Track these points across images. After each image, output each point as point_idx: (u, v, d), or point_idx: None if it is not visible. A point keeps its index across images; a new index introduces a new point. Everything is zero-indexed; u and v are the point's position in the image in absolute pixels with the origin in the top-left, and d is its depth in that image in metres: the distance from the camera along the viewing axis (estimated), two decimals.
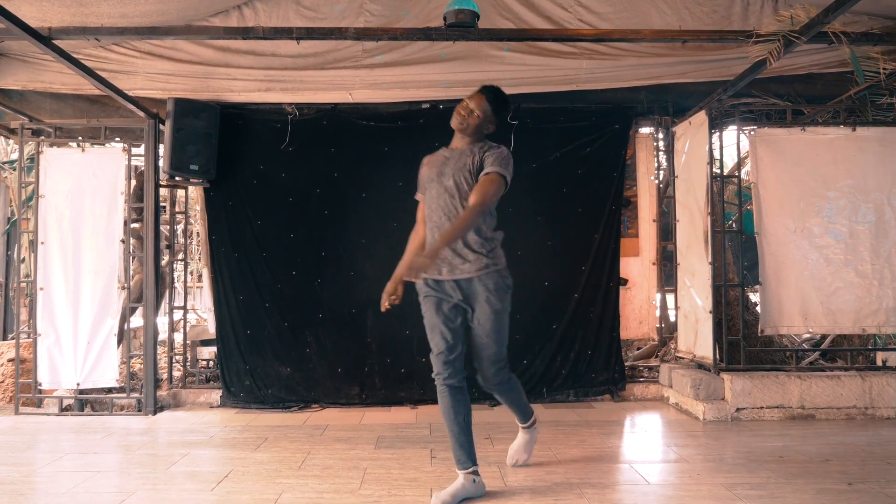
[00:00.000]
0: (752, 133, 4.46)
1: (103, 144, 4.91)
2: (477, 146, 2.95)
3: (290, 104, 4.94)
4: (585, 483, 3.03)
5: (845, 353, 5.02)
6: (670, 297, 5.31)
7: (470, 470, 2.85)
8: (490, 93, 2.95)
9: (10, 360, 5.13)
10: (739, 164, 4.73)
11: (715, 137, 4.50)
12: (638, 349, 5.78)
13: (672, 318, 5.49)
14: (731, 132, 4.91)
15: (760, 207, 4.42)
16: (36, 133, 4.99)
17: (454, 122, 2.97)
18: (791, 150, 4.44)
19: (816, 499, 2.81)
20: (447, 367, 2.93)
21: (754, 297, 5.11)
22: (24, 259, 5.98)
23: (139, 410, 4.64)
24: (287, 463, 3.37)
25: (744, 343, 4.43)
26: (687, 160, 4.83)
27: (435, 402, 4.75)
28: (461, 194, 2.90)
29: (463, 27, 3.49)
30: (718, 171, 4.61)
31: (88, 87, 4.84)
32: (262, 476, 3.17)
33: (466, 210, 2.81)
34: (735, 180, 5.00)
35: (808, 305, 4.41)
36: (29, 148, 5.28)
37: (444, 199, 2.92)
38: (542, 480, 3.06)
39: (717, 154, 4.58)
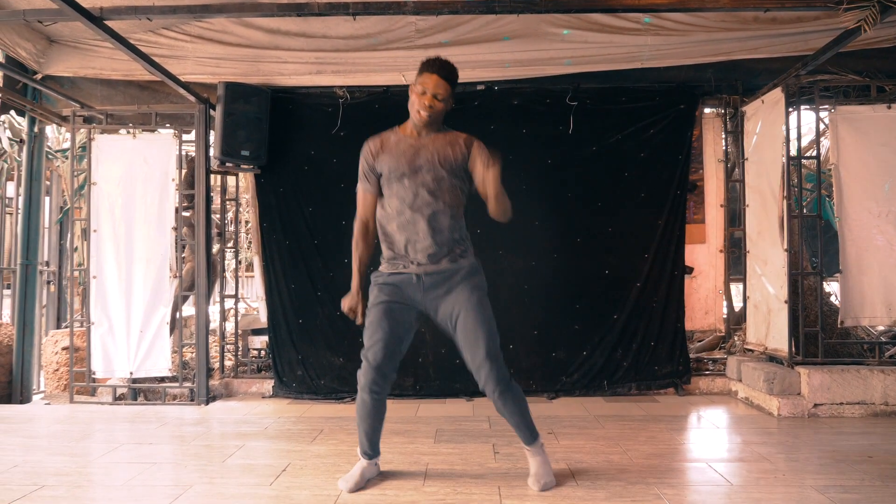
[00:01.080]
0: (833, 111, 4.17)
1: (154, 131, 4.86)
2: (450, 135, 2.76)
3: (342, 87, 4.81)
4: (663, 483, 2.84)
5: None
6: (736, 286, 5.05)
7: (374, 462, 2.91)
8: (442, 68, 2.68)
9: (64, 349, 5.15)
10: (818, 144, 4.43)
11: (792, 117, 4.21)
12: (699, 341, 5.53)
13: (737, 309, 5.23)
14: (803, 112, 4.61)
15: (841, 191, 4.13)
16: (87, 120, 4.96)
17: (422, 119, 2.70)
18: (875, 130, 4.14)
19: None
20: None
21: (827, 287, 4.82)
22: (76, 248, 6.01)
23: (192, 400, 4.60)
24: (345, 457, 3.25)
25: (822, 335, 4.16)
26: (759, 141, 4.55)
27: None
28: (442, 189, 2.70)
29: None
30: (795, 152, 4.33)
31: (139, 73, 4.80)
32: (320, 470, 3.05)
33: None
34: (807, 163, 4.70)
35: (893, 294, 4.12)
36: (80, 135, 5.28)
37: (423, 197, 2.68)
38: (616, 480, 2.87)
39: (793, 134, 4.30)
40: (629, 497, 2.67)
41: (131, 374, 4.58)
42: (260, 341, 5.21)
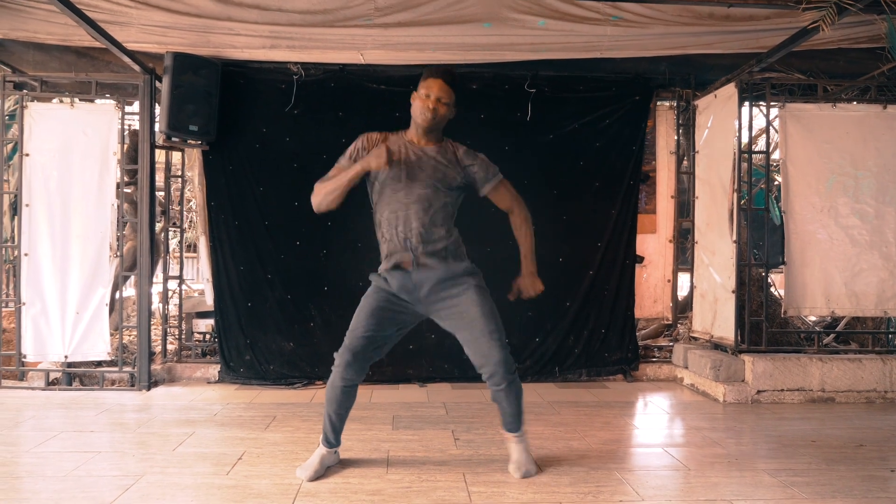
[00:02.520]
0: (782, 108, 4.31)
1: (92, 101, 4.58)
2: (450, 151, 2.77)
3: (296, 63, 4.65)
4: (623, 468, 2.89)
5: (860, 336, 4.95)
6: (683, 276, 5.19)
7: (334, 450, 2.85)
8: (446, 73, 2.69)
9: None
10: (768, 140, 4.58)
11: (744, 111, 4.32)
12: (643, 329, 5.66)
13: (682, 297, 5.38)
14: (752, 108, 4.74)
15: (788, 185, 4.28)
16: (18, 86, 4.62)
17: (421, 118, 2.68)
18: (820, 127, 4.30)
19: (863, 485, 2.70)
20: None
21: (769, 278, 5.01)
22: (1, 223, 5.62)
23: (132, 385, 4.39)
24: (302, 444, 3.17)
25: (766, 324, 4.32)
26: (710, 135, 4.67)
27: (445, 380, 4.65)
28: (435, 206, 2.69)
29: None
30: (746, 147, 4.45)
31: (77, 39, 4.50)
32: (278, 458, 2.96)
33: (528, 226, 3.00)
34: (755, 157, 4.85)
35: (832, 287, 4.32)
36: (9, 103, 4.92)
37: (416, 209, 2.67)
38: (578, 465, 2.90)
39: (745, 129, 4.42)
40: (593, 482, 2.70)
41: (66, 357, 4.33)
42: (205, 325, 5.02)
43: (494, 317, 2.75)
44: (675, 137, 5.04)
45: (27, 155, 4.33)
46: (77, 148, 4.37)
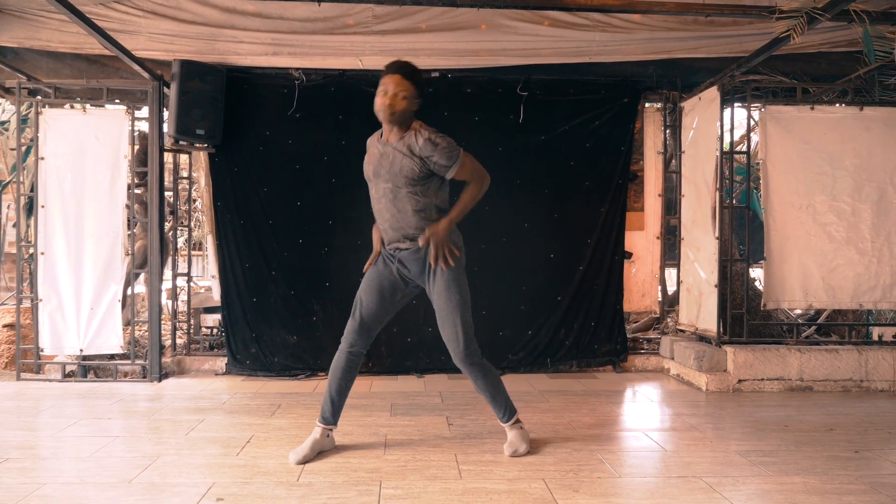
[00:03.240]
0: (763, 110, 4.51)
1: (103, 106, 4.79)
2: (409, 140, 2.83)
3: (298, 69, 4.85)
4: (604, 449, 3.10)
5: (840, 327, 5.15)
6: (670, 271, 5.40)
7: (330, 427, 3.04)
8: (405, 70, 2.81)
9: (4, 326, 5.05)
10: (749, 140, 4.77)
11: (726, 113, 4.52)
12: (634, 322, 5.87)
13: (671, 292, 5.58)
14: (736, 110, 4.95)
15: (768, 184, 4.48)
16: (32, 93, 4.84)
17: (381, 114, 2.82)
18: (799, 128, 4.50)
19: (826, 465, 2.91)
20: None
21: (752, 273, 5.21)
22: (15, 223, 5.84)
23: (144, 377, 4.61)
24: (306, 429, 3.37)
25: (747, 317, 4.53)
26: (695, 136, 4.87)
27: (441, 371, 4.86)
28: (399, 197, 2.85)
29: None
30: (728, 147, 4.66)
31: (88, 47, 4.72)
32: (284, 441, 3.18)
33: (475, 189, 2.95)
34: (738, 157, 5.06)
35: (810, 281, 4.52)
36: (23, 108, 5.14)
37: (384, 203, 2.90)
38: (562, 447, 3.11)
39: (727, 130, 4.62)
40: (575, 462, 2.91)
41: (81, 350, 4.56)
42: (212, 319, 5.24)
43: (458, 307, 2.93)
44: (663, 138, 5.25)
45: (42, 159, 4.55)
46: (89, 151, 4.58)
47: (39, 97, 4.73)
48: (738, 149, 5.28)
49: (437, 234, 2.84)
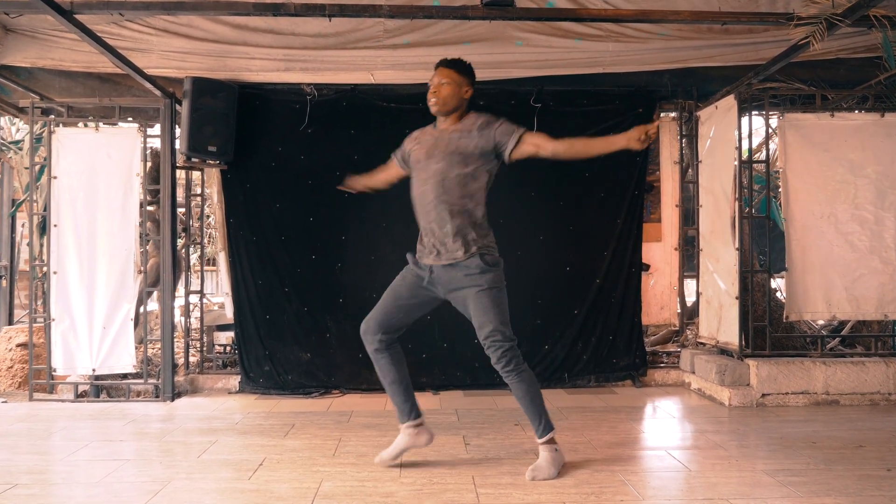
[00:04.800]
0: (781, 118, 4.42)
1: (116, 124, 4.79)
2: (469, 123, 2.89)
3: (309, 85, 4.83)
4: (626, 470, 3.00)
5: (865, 339, 5.02)
6: (689, 283, 5.30)
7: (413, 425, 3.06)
8: (446, 62, 2.92)
9: (18, 346, 5.04)
10: (767, 149, 4.69)
11: (743, 122, 4.44)
12: (653, 335, 5.76)
13: (690, 304, 5.48)
14: (754, 118, 4.85)
15: (788, 193, 4.39)
16: (46, 112, 4.86)
17: (433, 107, 2.91)
18: (819, 136, 4.41)
19: (859, 484, 2.80)
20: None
21: (773, 283, 5.10)
22: (29, 242, 5.85)
23: (157, 397, 4.57)
24: (320, 450, 3.32)
25: (770, 329, 4.42)
26: (712, 145, 4.79)
27: (457, 387, 4.79)
28: (449, 177, 2.84)
29: (500, 6, 3.40)
30: (746, 156, 4.57)
31: (100, 65, 4.72)
32: (297, 464, 3.12)
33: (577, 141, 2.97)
34: (757, 166, 4.96)
35: (832, 292, 4.40)
36: (37, 127, 5.15)
37: (430, 185, 2.86)
38: (582, 468, 3.02)
39: (745, 139, 4.53)
40: (596, 484, 2.82)
41: (94, 370, 4.52)
42: (225, 337, 5.20)
43: (496, 313, 2.90)
44: (679, 148, 5.16)
45: (55, 178, 4.54)
46: (102, 169, 4.57)
47: (52, 116, 4.74)
48: (756, 157, 5.18)
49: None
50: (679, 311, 5.20)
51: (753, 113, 4.65)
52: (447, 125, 2.94)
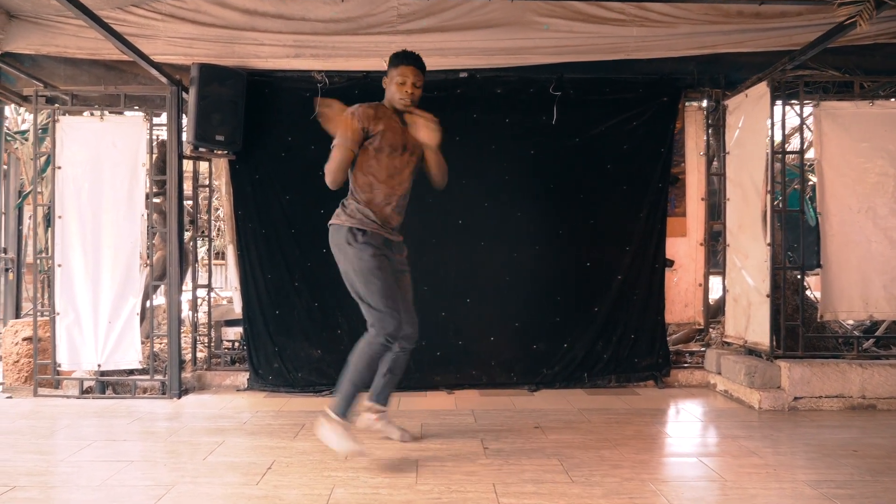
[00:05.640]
0: (817, 106, 4.20)
1: (121, 113, 4.64)
2: (411, 120, 3.15)
3: (320, 72, 4.65)
4: (657, 479, 2.82)
5: None
6: (714, 280, 5.09)
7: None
8: (417, 60, 3.16)
9: (25, 339, 4.90)
10: (802, 139, 4.46)
11: (777, 111, 4.22)
12: (673, 334, 5.55)
13: (713, 301, 5.27)
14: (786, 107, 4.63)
15: (824, 186, 4.17)
16: (50, 101, 4.72)
17: (405, 103, 3.13)
18: (857, 126, 4.18)
19: None
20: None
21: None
22: (37, 234, 5.72)
23: (163, 393, 4.43)
24: (331, 453, 3.14)
25: (802, 329, 4.21)
26: (741, 135, 4.57)
27: (472, 386, 4.62)
28: (415, 171, 3.22)
29: None
30: (779, 146, 4.35)
31: (106, 52, 4.57)
32: (307, 468, 2.96)
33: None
34: (789, 157, 4.73)
35: (870, 290, 4.19)
36: (42, 117, 5.02)
37: (406, 174, 3.15)
38: (609, 476, 2.84)
39: (777, 128, 4.31)
40: (626, 494, 2.64)
41: (99, 366, 4.39)
42: (234, 332, 5.05)
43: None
44: (705, 138, 4.95)
45: (59, 168, 4.40)
46: (107, 160, 4.43)
47: (57, 105, 4.59)
48: (788, 148, 4.95)
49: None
50: (703, 308, 4.99)
51: (785, 102, 4.42)
52: (401, 119, 3.16)
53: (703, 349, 4.98)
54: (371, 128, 3.04)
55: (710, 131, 4.95)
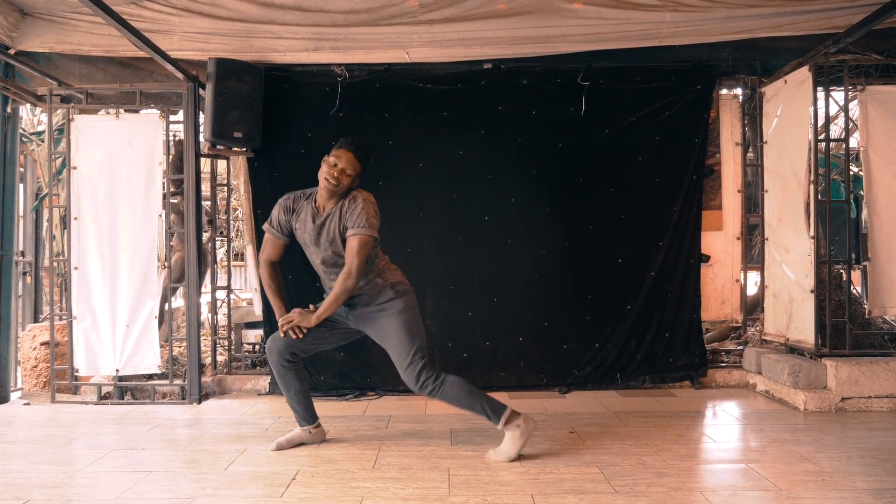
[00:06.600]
0: (862, 91, 3.98)
1: (137, 111, 4.53)
2: (344, 209, 2.99)
3: (340, 65, 4.52)
4: (705, 489, 2.64)
5: None
6: (751, 275, 4.88)
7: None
8: (358, 149, 3.01)
9: (43, 344, 4.81)
10: (847, 126, 4.24)
11: (820, 97, 4.01)
12: (706, 331, 5.34)
13: (749, 297, 5.06)
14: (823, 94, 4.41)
15: (871, 175, 3.96)
16: (65, 100, 4.61)
17: (327, 187, 2.96)
18: None
19: None
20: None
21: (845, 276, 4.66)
22: (54, 237, 5.65)
23: (183, 398, 4.31)
24: (358, 461, 3.01)
25: (850, 326, 3.99)
26: (780, 124, 4.36)
27: (501, 389, 4.45)
28: (338, 263, 3.02)
29: None
30: (823, 134, 4.13)
31: (121, 49, 4.46)
32: (333, 478, 2.81)
33: (341, 284, 2.92)
34: (833, 146, 4.51)
35: None
36: (57, 116, 4.93)
37: (322, 269, 3.09)
38: (655, 485, 2.67)
39: (820, 115, 4.10)
40: None
41: (117, 371, 4.28)
42: (254, 335, 4.93)
43: (408, 336, 2.99)
44: (741, 128, 4.74)
45: (74, 168, 4.30)
46: (123, 159, 4.32)
47: (72, 104, 4.49)
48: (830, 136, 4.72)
49: (304, 321, 3.03)
50: (740, 305, 4.78)
51: (827, 87, 4.20)
52: (327, 206, 3.03)
53: (740, 347, 4.78)
54: (289, 220, 3.16)
55: (745, 120, 4.74)
